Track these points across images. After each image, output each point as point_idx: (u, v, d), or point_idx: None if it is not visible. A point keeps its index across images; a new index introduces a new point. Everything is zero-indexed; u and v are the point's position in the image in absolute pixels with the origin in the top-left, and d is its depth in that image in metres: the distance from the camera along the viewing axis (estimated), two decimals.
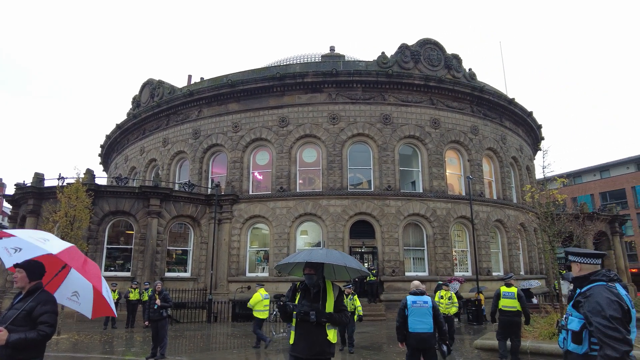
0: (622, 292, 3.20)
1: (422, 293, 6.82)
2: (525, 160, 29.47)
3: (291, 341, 4.78)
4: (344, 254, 5.29)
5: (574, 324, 3.27)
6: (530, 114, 29.30)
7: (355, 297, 11.92)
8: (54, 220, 15.65)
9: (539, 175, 21.22)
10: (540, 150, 17.42)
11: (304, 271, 4.85)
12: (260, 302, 12.36)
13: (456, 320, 17.24)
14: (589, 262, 3.39)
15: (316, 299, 4.75)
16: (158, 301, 10.12)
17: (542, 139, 31.32)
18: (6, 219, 33.44)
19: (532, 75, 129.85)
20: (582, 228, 13.76)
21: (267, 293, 12.96)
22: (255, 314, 12.35)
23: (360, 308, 11.86)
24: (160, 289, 10.41)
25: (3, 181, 57.69)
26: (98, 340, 14.05)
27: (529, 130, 30.84)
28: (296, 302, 4.80)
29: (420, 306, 6.64)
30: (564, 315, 3.46)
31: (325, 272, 5.12)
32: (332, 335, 4.73)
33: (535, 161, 32.30)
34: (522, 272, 25.65)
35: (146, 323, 10.91)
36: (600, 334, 3.01)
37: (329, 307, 4.72)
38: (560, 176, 12.03)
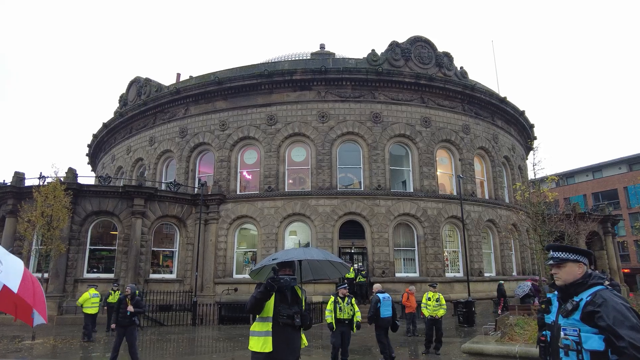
0: None
1: (384, 291, 10.59)
2: (517, 160, 29.21)
3: (266, 348, 4.25)
4: (322, 250, 5.26)
5: (593, 341, 2.50)
6: (523, 113, 29.05)
7: (353, 300, 9.30)
8: (29, 219, 15.09)
9: (531, 175, 20.82)
10: (532, 149, 17.15)
11: (280, 273, 4.51)
12: (88, 299, 14.54)
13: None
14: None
15: (295, 302, 4.49)
16: (130, 307, 9.45)
17: (535, 138, 31.02)
18: None
19: (533, 76, 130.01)
20: (573, 228, 13.48)
21: (96, 292, 14.97)
22: (85, 311, 14.43)
23: (359, 313, 9.27)
24: (129, 293, 9.67)
25: None
26: (75, 345, 13.51)
27: (521, 130, 30.59)
28: (272, 305, 4.38)
29: (386, 300, 10.28)
30: (562, 332, 2.64)
31: (303, 273, 5.03)
32: (304, 339, 4.64)
33: (527, 161, 32.07)
34: (514, 273, 25.37)
35: (112, 326, 10.28)
36: (635, 350, 2.33)
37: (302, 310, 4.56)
38: (552, 175, 11.75)
